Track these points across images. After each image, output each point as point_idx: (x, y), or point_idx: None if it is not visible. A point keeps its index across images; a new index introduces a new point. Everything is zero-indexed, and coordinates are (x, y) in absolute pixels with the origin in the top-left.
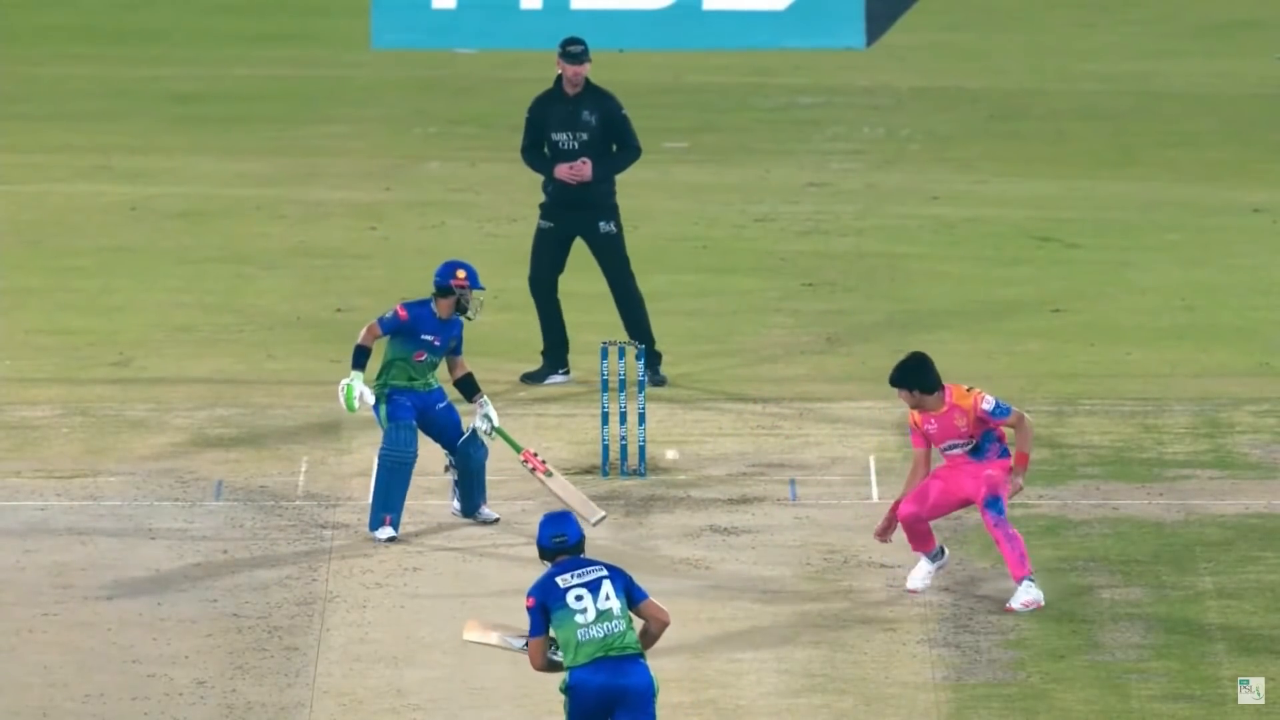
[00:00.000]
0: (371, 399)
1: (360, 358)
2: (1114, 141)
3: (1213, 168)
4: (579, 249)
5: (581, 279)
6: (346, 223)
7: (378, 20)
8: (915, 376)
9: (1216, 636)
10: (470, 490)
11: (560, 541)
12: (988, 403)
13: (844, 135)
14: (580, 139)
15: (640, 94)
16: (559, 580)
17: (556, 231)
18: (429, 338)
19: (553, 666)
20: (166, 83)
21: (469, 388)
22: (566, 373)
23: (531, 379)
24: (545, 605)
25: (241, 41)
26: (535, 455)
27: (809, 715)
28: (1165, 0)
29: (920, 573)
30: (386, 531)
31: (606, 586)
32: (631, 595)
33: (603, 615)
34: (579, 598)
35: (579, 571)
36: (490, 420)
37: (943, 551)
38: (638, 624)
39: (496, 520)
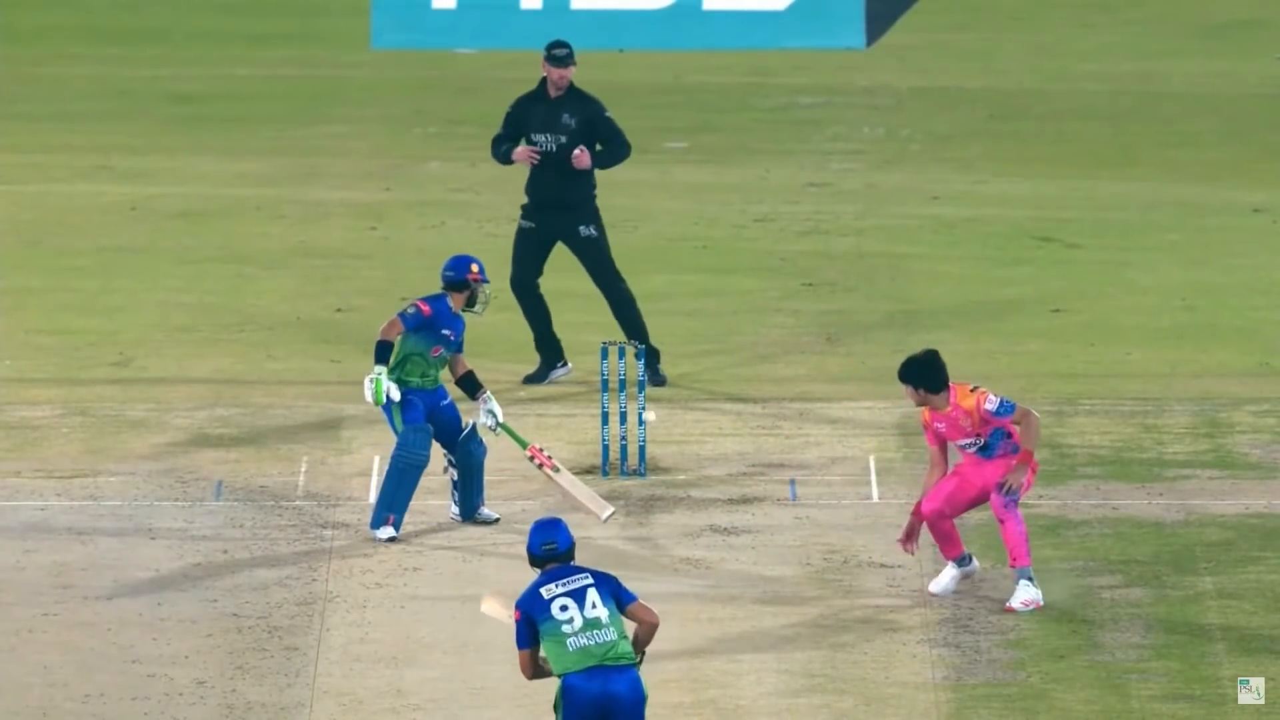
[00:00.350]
0: (398, 394)
1: (384, 353)
2: (1114, 141)
3: (1213, 168)
4: (563, 250)
5: (581, 279)
6: (346, 223)
7: (378, 20)
8: (921, 374)
9: (1216, 636)
10: (469, 489)
11: (550, 549)
12: (991, 402)
13: (844, 135)
14: (559, 141)
15: (640, 94)
16: (543, 591)
17: (537, 233)
18: (447, 332)
19: (541, 673)
20: (166, 83)
21: (471, 385)
22: (566, 364)
23: (534, 380)
24: (531, 618)
25: (241, 41)
26: (541, 450)
27: (809, 715)
28: (1165, 0)
29: (945, 578)
30: (387, 531)
31: (592, 594)
32: (619, 599)
33: (590, 624)
34: (564, 607)
35: (564, 580)
36: (494, 415)
37: (970, 559)
38: (630, 627)
39: (496, 520)
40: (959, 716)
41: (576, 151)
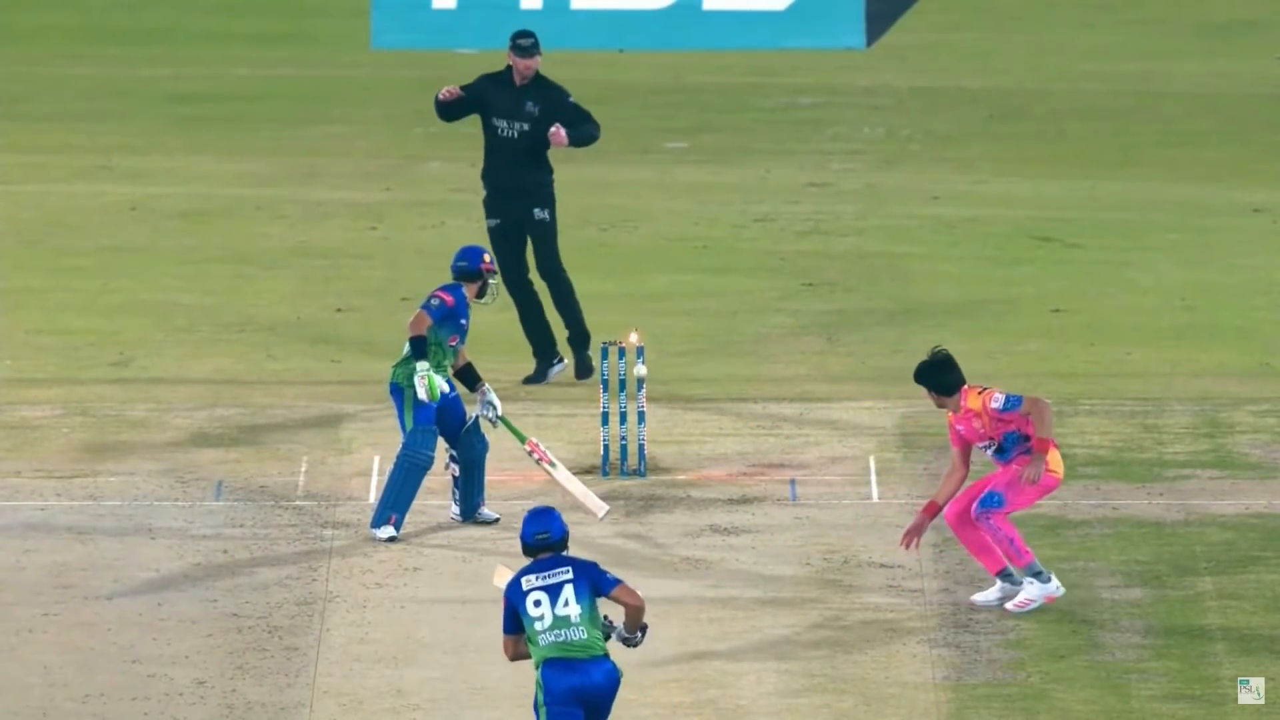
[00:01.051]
0: (448, 387)
1: (423, 348)
2: (1114, 141)
3: (1213, 168)
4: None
5: (579, 279)
6: (346, 223)
7: (378, 20)
8: (930, 376)
9: (1216, 636)
10: (470, 486)
11: (543, 538)
12: (997, 401)
13: (844, 135)
14: (520, 128)
15: (640, 94)
16: (523, 581)
17: (503, 227)
18: (464, 322)
19: (521, 656)
20: (166, 83)
21: (470, 377)
22: (561, 360)
23: (533, 380)
24: (513, 605)
25: (241, 41)
26: (539, 445)
27: (809, 715)
28: (1165, 0)
29: (991, 592)
30: (388, 531)
31: (567, 591)
32: (600, 588)
33: (559, 621)
34: (537, 603)
35: (545, 574)
36: (494, 408)
37: (1011, 575)
38: (618, 610)
39: (496, 520)
40: (959, 716)
41: (553, 129)
